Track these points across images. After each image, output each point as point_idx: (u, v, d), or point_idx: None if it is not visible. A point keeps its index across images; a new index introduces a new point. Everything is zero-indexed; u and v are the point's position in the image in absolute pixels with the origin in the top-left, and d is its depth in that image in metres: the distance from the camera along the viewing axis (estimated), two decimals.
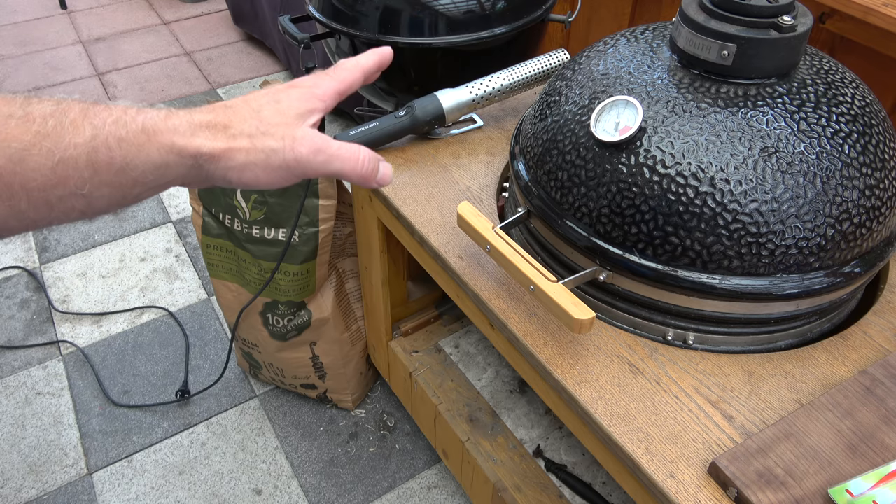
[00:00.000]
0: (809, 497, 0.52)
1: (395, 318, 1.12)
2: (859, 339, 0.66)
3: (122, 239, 1.72)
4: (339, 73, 0.48)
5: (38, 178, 0.34)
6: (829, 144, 0.60)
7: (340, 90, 0.47)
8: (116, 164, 0.36)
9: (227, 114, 0.41)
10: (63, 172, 0.35)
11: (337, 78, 0.47)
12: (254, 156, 0.41)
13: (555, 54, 0.93)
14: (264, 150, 0.41)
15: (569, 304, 0.60)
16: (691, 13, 0.63)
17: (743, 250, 0.60)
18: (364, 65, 0.49)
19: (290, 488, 1.20)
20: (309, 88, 0.45)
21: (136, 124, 0.37)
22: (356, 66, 0.49)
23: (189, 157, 0.39)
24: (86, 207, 0.37)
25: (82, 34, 2.60)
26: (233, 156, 0.40)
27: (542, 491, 0.93)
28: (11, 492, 1.19)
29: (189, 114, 0.40)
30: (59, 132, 0.34)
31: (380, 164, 0.46)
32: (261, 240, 1.07)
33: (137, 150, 0.37)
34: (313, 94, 0.45)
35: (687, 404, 0.60)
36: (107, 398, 1.34)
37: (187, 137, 0.39)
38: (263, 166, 0.41)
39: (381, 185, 0.47)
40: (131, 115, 0.37)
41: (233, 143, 0.40)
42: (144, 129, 0.37)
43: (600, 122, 0.64)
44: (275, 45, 2.33)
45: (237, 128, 0.41)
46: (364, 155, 0.45)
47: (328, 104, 0.46)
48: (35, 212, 0.35)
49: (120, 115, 0.37)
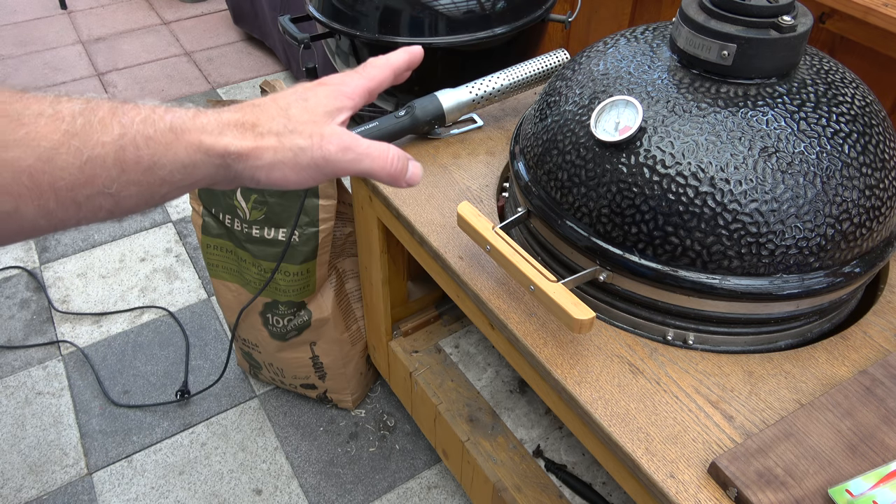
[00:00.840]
0: (809, 497, 0.52)
1: (395, 318, 1.12)
2: (859, 339, 0.66)
3: (122, 239, 1.72)
4: (368, 70, 0.46)
5: (67, 176, 0.34)
6: (829, 144, 0.60)
7: (370, 88, 0.46)
8: (144, 163, 0.36)
9: (255, 112, 0.41)
10: (91, 171, 0.34)
11: (367, 76, 0.46)
12: (282, 154, 0.40)
13: (555, 54, 0.93)
14: (292, 149, 0.40)
15: (569, 304, 0.60)
16: (691, 13, 0.63)
17: (743, 250, 0.60)
18: (394, 63, 0.48)
19: (290, 488, 1.20)
20: (337, 86, 0.44)
21: (165, 123, 0.37)
22: (386, 63, 0.48)
23: (217, 156, 0.38)
24: (113, 207, 0.36)
25: (82, 34, 2.60)
26: (261, 155, 0.40)
27: (542, 491, 0.93)
28: (11, 492, 1.19)
29: (217, 113, 0.40)
30: (88, 131, 0.34)
31: (409, 162, 0.46)
32: (261, 240, 1.07)
33: (165, 149, 0.37)
34: (342, 92, 0.44)
35: (687, 404, 0.60)
36: (107, 398, 1.34)
37: (215, 136, 0.38)
38: (292, 165, 0.40)
39: (411, 184, 0.46)
40: (159, 113, 0.37)
41: (260, 141, 0.40)
42: (172, 127, 0.37)
43: (600, 122, 0.64)
44: (275, 45, 2.33)
45: (265, 126, 0.40)
46: (394, 153, 0.44)
47: (357, 102, 0.45)
48: (63, 211, 0.35)
49: (148, 114, 0.37)
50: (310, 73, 1.01)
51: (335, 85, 0.44)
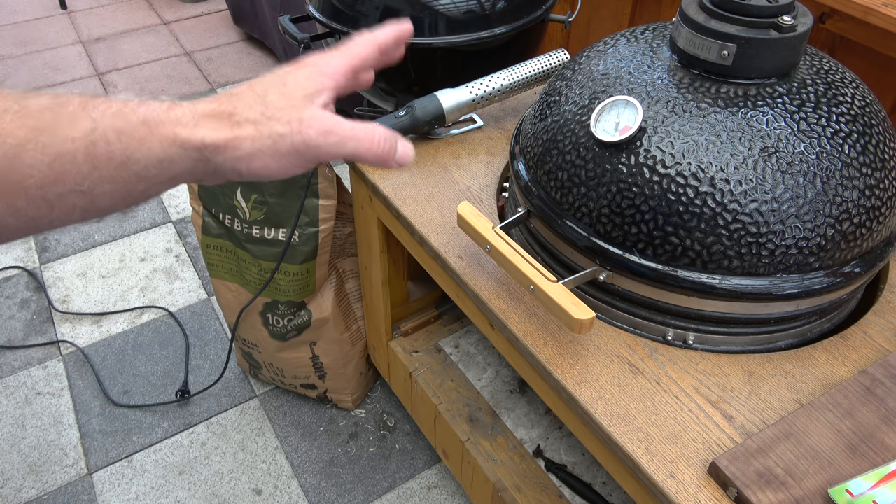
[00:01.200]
0: (809, 497, 0.52)
1: (395, 318, 1.12)
2: (859, 339, 0.66)
3: (122, 239, 1.72)
4: (350, 48, 0.43)
5: (36, 174, 0.33)
6: (829, 144, 0.60)
7: (354, 66, 0.43)
8: (117, 159, 0.35)
9: (232, 101, 0.39)
10: (60, 168, 0.33)
11: (349, 53, 0.43)
12: (260, 143, 0.38)
13: (555, 54, 0.93)
14: (271, 136, 0.38)
15: (569, 304, 0.60)
16: (691, 13, 0.63)
17: (743, 250, 0.60)
18: (381, 39, 0.45)
19: (290, 488, 1.20)
20: (316, 67, 0.42)
21: (137, 116, 0.35)
22: (371, 39, 0.44)
23: (193, 149, 0.37)
24: (88, 205, 0.35)
25: (82, 34, 2.60)
26: (238, 145, 0.38)
27: (542, 491, 0.93)
28: (11, 492, 1.19)
29: (193, 104, 0.38)
30: (56, 126, 0.33)
31: (398, 142, 0.43)
32: (261, 240, 1.07)
33: (139, 143, 0.35)
34: (321, 72, 0.41)
35: (687, 404, 0.60)
36: (107, 398, 1.34)
37: (190, 128, 0.37)
38: (272, 153, 0.38)
39: (401, 164, 0.44)
40: (132, 107, 0.36)
41: (238, 131, 0.38)
42: (146, 120, 0.36)
43: (600, 122, 0.64)
44: (275, 45, 2.33)
45: (241, 115, 0.38)
46: (380, 134, 0.42)
47: (339, 82, 0.42)
48: (34, 209, 0.34)
49: (120, 108, 0.35)
50: None
51: (314, 66, 0.42)
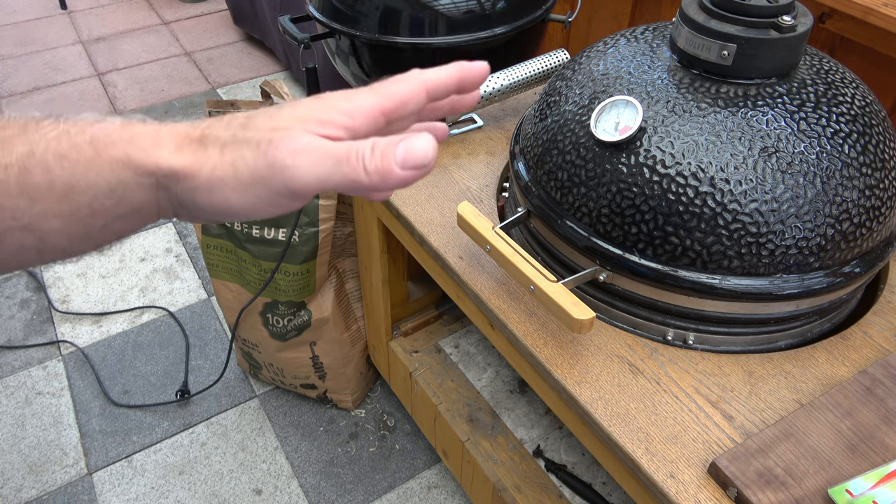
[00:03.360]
0: (809, 497, 0.52)
1: (395, 318, 1.12)
2: (859, 339, 0.66)
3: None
4: (387, 85, 0.33)
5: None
6: (829, 144, 0.60)
7: (385, 108, 0.32)
8: (58, 188, 0.28)
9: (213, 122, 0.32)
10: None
11: (382, 91, 0.32)
12: (221, 170, 0.29)
13: (555, 54, 0.93)
14: (233, 163, 0.29)
15: (569, 304, 0.60)
16: (691, 13, 0.63)
17: (743, 250, 0.60)
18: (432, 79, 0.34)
19: (290, 488, 1.20)
20: (332, 100, 0.32)
21: (84, 136, 0.29)
22: (419, 79, 0.33)
23: (146, 174, 0.29)
24: (39, 244, 0.29)
25: (82, 34, 2.60)
26: (195, 172, 0.29)
27: (542, 491, 0.93)
28: (11, 492, 1.19)
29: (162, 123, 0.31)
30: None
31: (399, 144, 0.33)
32: (261, 240, 1.07)
33: (85, 169, 0.29)
34: (337, 108, 0.31)
35: (687, 404, 0.60)
36: (107, 398, 1.34)
37: (145, 150, 0.29)
38: (233, 184, 0.29)
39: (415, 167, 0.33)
40: (81, 126, 0.29)
41: (199, 154, 0.30)
42: (93, 141, 0.29)
43: (600, 122, 0.64)
44: (275, 45, 2.33)
45: (212, 136, 0.30)
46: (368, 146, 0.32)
47: (358, 123, 0.31)
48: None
49: (67, 129, 0.29)
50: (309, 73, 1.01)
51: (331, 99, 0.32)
